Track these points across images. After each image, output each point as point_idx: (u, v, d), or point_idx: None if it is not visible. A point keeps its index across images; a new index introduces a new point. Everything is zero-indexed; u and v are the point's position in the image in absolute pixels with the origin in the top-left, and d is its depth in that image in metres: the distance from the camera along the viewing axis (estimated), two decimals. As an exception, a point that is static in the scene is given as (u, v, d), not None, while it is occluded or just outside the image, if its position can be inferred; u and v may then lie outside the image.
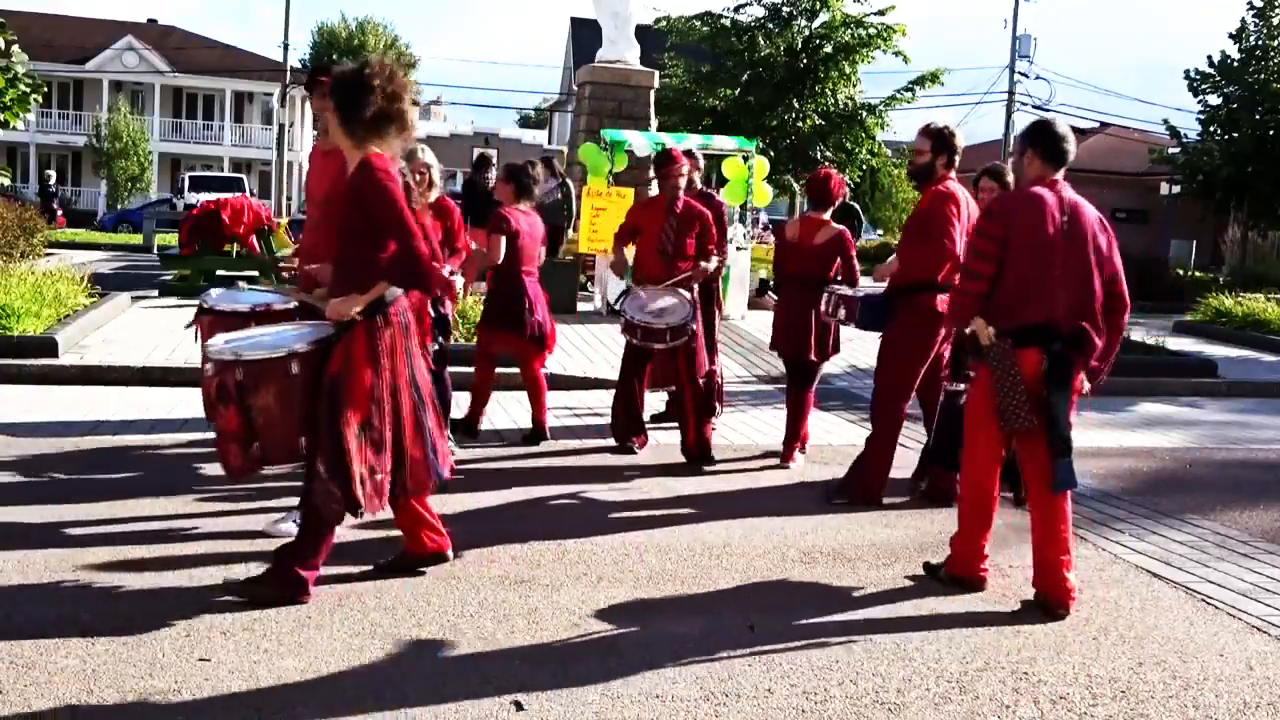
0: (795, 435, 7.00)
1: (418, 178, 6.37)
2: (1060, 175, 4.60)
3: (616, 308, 7.15)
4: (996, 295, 4.51)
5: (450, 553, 4.64)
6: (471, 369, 7.37)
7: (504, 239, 6.98)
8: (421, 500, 4.53)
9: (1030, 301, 4.45)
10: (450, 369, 6.62)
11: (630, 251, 7.37)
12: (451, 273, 7.03)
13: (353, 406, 4.07)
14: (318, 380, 4.12)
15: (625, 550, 5.10)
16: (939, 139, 5.89)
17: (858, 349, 10.28)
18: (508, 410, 8.14)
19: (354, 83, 4.07)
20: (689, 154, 7.44)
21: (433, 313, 6.32)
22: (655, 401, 8.04)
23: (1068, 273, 4.46)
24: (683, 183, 7.12)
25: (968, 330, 4.69)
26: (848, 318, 6.18)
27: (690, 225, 7.03)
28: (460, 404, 7.11)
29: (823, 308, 6.43)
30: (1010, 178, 6.27)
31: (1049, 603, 4.53)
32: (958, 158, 5.91)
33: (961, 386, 5.39)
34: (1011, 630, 4.32)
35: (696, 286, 7.08)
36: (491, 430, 7.54)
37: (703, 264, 7.07)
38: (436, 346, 6.40)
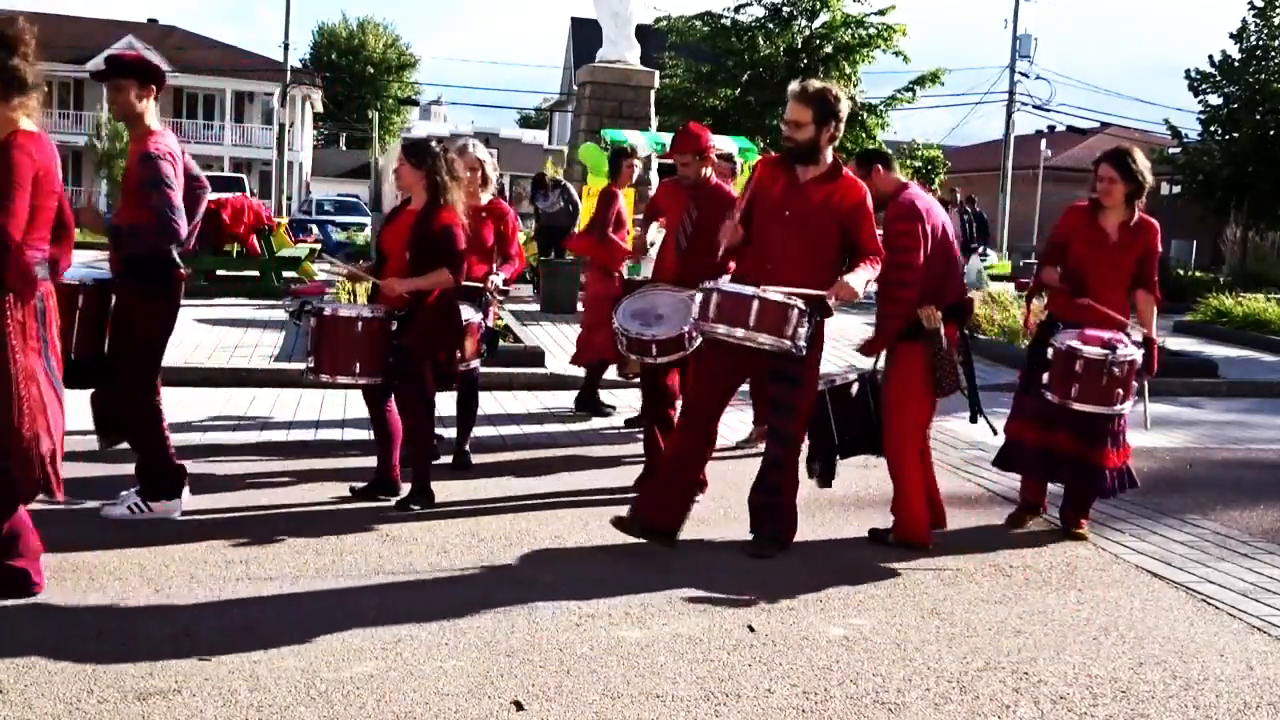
0: None
1: (469, 174, 5.96)
2: None
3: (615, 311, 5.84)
4: (924, 284, 5.15)
5: (38, 584, 4.11)
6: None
7: None
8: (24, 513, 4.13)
9: (948, 284, 5.25)
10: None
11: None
12: (506, 281, 6.85)
13: None
14: None
15: (626, 550, 5.10)
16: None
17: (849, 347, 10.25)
18: (507, 410, 8.14)
19: None
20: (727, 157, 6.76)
21: (481, 327, 6.18)
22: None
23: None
24: (705, 172, 5.83)
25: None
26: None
27: (719, 212, 5.52)
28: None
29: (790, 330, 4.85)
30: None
31: (938, 524, 5.41)
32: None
33: (852, 377, 5.53)
34: (1011, 630, 4.32)
35: None
36: (492, 432, 7.54)
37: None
38: (479, 359, 6.25)
